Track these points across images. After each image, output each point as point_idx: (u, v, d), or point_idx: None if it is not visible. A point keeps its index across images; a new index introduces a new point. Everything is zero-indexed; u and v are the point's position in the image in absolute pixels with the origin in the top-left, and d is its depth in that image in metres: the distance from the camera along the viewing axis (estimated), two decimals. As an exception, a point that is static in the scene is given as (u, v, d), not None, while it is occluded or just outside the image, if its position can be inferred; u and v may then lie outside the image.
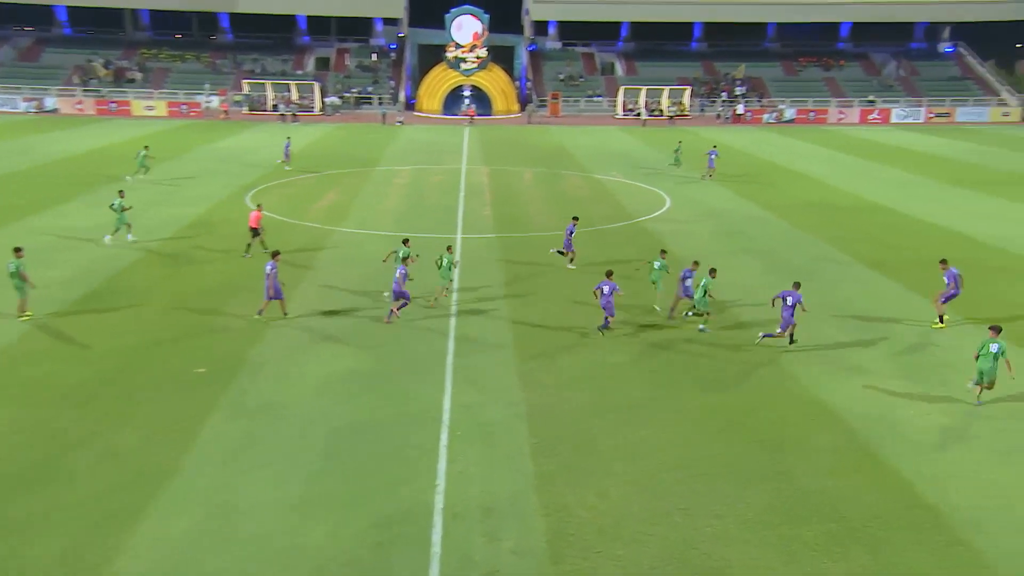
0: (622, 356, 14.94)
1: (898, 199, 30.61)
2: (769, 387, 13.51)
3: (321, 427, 12.04)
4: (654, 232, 25.05)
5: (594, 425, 12.14)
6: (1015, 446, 11.31)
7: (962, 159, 42.60)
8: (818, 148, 48.56)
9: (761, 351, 15.07)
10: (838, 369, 14.21)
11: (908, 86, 73.15)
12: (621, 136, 55.27)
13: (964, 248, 22.56)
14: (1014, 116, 66.59)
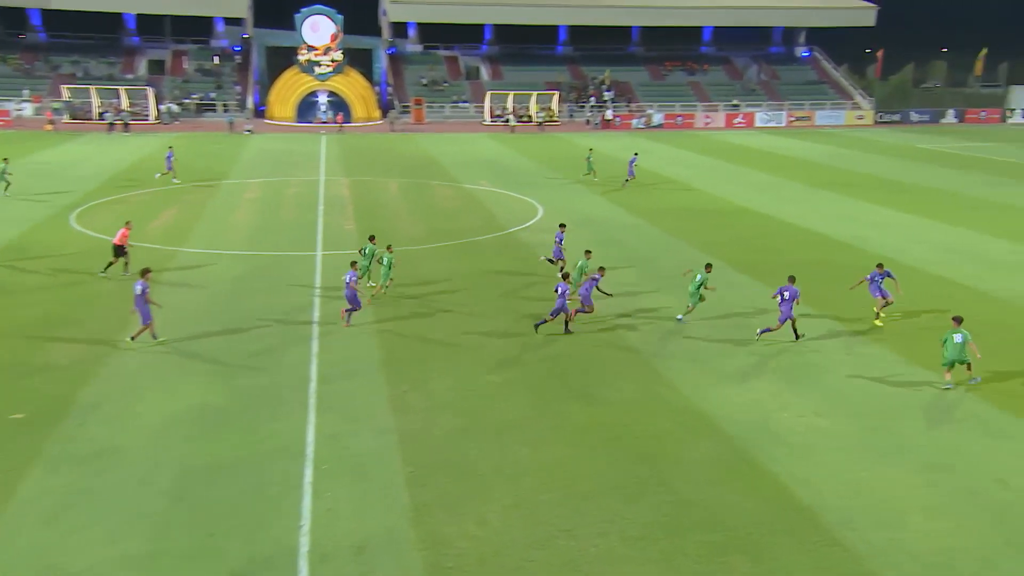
0: (499, 373, 15.10)
1: (765, 202, 32.94)
2: (648, 398, 14.10)
3: (167, 471, 11.37)
4: (527, 243, 25.57)
5: (471, 448, 12.19)
6: (883, 445, 12.41)
7: (823, 162, 46.46)
8: (687, 153, 51.46)
9: (637, 362, 15.71)
10: (715, 376, 15.05)
11: (769, 90, 79.14)
12: (490, 143, 56.06)
13: (826, 249, 24.60)
14: (868, 119, 73.53)
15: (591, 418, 13.27)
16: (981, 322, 17.92)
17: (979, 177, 39.87)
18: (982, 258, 23.67)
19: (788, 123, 71.17)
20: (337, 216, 29.61)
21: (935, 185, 37.45)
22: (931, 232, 26.75)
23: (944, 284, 21.02)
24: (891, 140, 59.38)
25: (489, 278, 21.50)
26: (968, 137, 61.09)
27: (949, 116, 74.76)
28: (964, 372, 14.77)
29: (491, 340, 16.83)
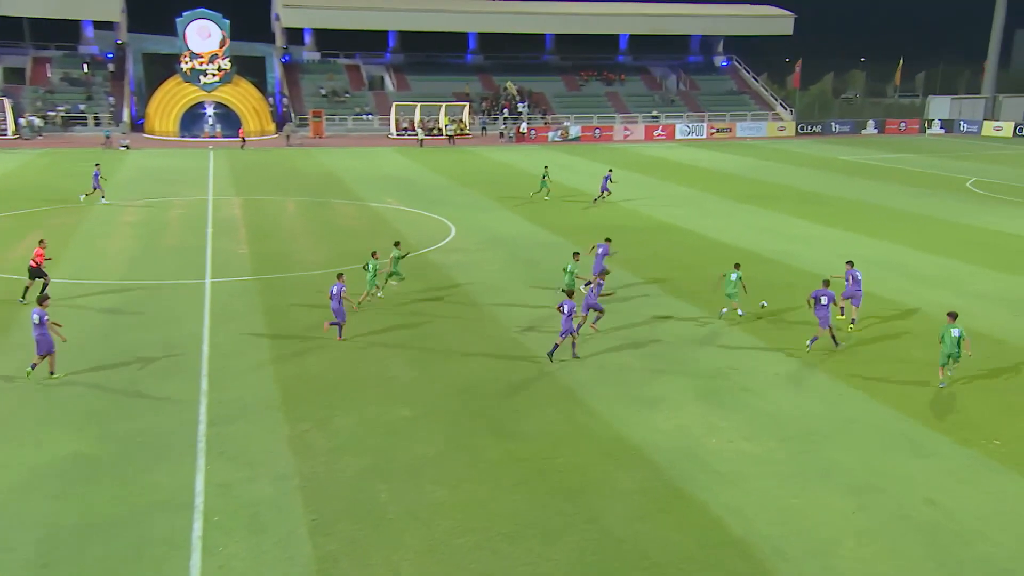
0: (410, 407, 14.99)
1: (687, 217, 34.00)
2: (570, 428, 14.25)
3: (32, 532, 10.76)
4: (441, 264, 25.59)
5: (381, 491, 12.03)
6: (813, 469, 12.89)
7: (745, 175, 48.33)
8: (606, 167, 52.69)
9: (557, 391, 15.88)
10: (639, 402, 15.35)
11: (689, 101, 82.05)
12: (396, 158, 56.00)
13: (751, 265, 25.53)
14: (789, 130, 77.10)
15: (510, 452, 13.30)
16: (910, 336, 18.95)
17: (900, 189, 42.32)
18: (906, 271, 25.07)
19: (709, 135, 73.86)
20: (228, 240, 28.91)
21: (857, 197, 39.50)
22: (855, 246, 28.16)
23: (871, 299, 22.13)
24: (813, 152, 62.39)
25: (398, 304, 21.37)
26: (888, 148, 64.83)
27: (870, 127, 79.19)
28: (942, 373, 16.06)
29: (402, 371, 16.71)
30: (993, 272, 24.68)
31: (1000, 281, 23.65)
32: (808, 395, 15.62)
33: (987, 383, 16.16)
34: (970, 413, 14.74)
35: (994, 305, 21.42)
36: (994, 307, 21.25)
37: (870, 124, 79.33)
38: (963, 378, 16.39)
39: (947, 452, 13.31)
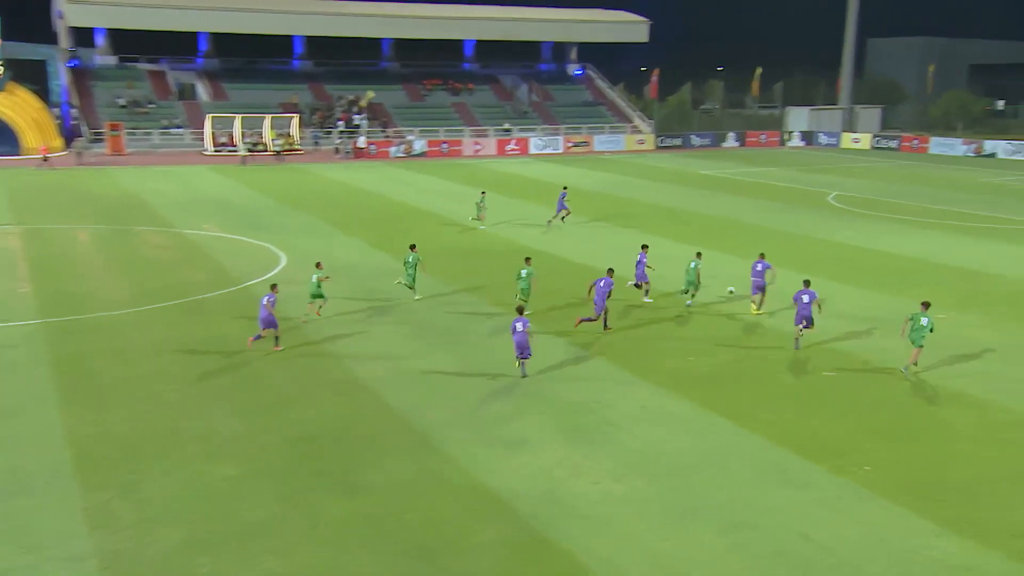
0: (235, 465, 14.44)
1: (546, 239, 34.80)
2: (421, 477, 14.15)
3: None
4: (267, 299, 24.97)
5: (202, 567, 11.47)
6: (683, 507, 13.36)
7: (604, 191, 50.02)
8: (456, 185, 53.13)
9: (406, 434, 15.77)
10: (499, 444, 15.46)
11: (543, 112, 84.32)
12: (215, 178, 54.33)
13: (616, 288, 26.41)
14: (649, 144, 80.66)
15: (354, 510, 13.05)
16: (776, 359, 20.15)
17: (762, 204, 45.13)
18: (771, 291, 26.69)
19: (566, 149, 76.13)
20: (5, 277, 27.00)
21: (720, 213, 41.78)
22: (720, 264, 29.70)
23: (735, 324, 23.37)
24: (673, 166, 65.54)
25: (219, 346, 20.64)
26: (750, 161, 69.09)
27: (730, 139, 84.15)
28: (906, 360, 19.01)
29: (224, 423, 16.10)
30: (857, 289, 26.69)
31: (864, 299, 25.60)
32: (676, 428, 16.25)
33: (855, 407, 17.39)
34: (840, 439, 15.80)
35: (857, 325, 23.14)
36: (858, 325, 22.96)
37: (730, 136, 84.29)
38: (829, 402, 17.58)
39: (819, 481, 14.19)
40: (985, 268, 29.37)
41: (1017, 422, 16.41)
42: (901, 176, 58.56)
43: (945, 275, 28.59)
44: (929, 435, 15.96)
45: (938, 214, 41.26)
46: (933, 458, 14.97)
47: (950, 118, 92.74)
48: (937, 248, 32.95)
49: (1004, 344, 21.20)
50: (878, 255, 31.52)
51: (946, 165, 66.15)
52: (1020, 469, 14.47)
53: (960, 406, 17.29)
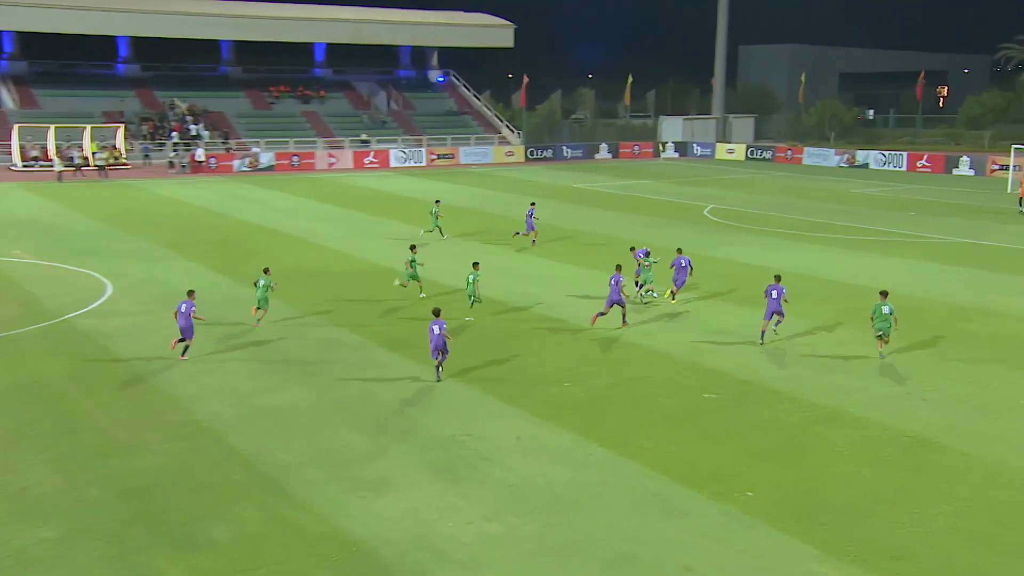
0: (54, 526, 13.70)
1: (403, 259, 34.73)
2: (274, 527, 13.77)
3: None
4: (93, 332, 23.99)
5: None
6: (562, 544, 13.43)
7: (474, 207, 50.39)
8: (309, 202, 52.44)
9: (252, 478, 15.38)
10: (361, 485, 15.24)
11: (404, 122, 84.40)
12: (26, 197, 52.00)
13: (490, 312, 26.67)
14: (518, 156, 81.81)
15: (195, 568, 12.61)
16: (654, 383, 20.73)
17: (639, 218, 46.49)
18: (652, 312, 27.50)
19: (430, 162, 76.40)
20: None
21: (597, 229, 42.79)
22: (597, 284, 30.40)
23: (614, 344, 23.94)
24: (545, 179, 66.68)
25: (36, 388, 19.62)
26: (624, 174, 71.08)
27: (603, 151, 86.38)
28: (880, 346, 22.01)
29: (41, 478, 15.27)
30: (737, 307, 27.79)
31: (746, 317, 26.66)
32: (553, 459, 16.47)
33: (735, 430, 18.08)
34: (720, 464, 16.35)
35: (737, 342, 24.11)
36: (737, 344, 23.92)
37: (603, 148, 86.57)
38: (709, 426, 18.23)
39: (701, 510, 14.64)
40: (862, 281, 31.13)
41: (893, 439, 17.40)
42: (776, 188, 61.50)
43: (824, 289, 30.13)
44: (809, 455, 16.73)
45: (814, 227, 43.50)
46: (814, 479, 15.71)
47: (823, 128, 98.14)
48: (815, 262, 34.70)
49: (881, 360, 22.49)
50: (757, 270, 32.91)
51: (820, 176, 69.89)
52: (897, 488, 15.34)
53: (839, 424, 18.20)
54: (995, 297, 28.35)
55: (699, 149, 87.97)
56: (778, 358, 22.63)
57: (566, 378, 20.88)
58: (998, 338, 24.39)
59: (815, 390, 20.18)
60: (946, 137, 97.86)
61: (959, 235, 40.82)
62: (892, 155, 75.77)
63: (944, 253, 36.26)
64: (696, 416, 18.68)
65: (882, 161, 75.56)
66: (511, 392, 19.93)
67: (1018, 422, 18.26)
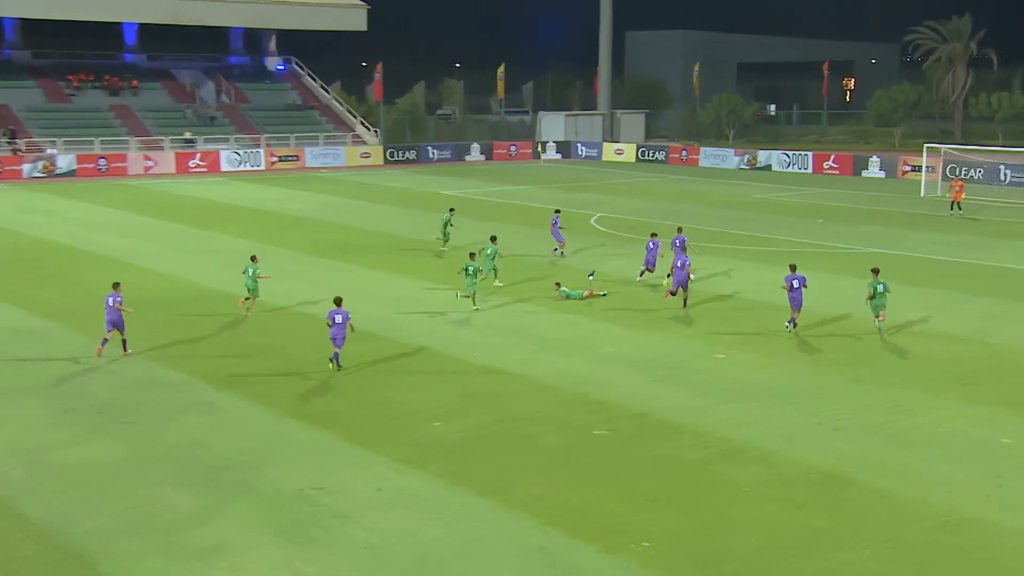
0: None
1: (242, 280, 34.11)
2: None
3: None
4: None
5: None
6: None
7: (324, 219, 49.90)
8: (121, 214, 50.94)
9: (56, 558, 14.84)
10: (187, 553, 14.83)
11: (237, 118, 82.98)
12: None
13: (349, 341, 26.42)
14: (376, 157, 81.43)
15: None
16: (528, 420, 20.90)
17: (518, 230, 46.89)
18: (535, 337, 27.75)
19: (269, 165, 75.41)
20: None
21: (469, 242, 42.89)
22: (470, 306, 30.49)
23: (490, 374, 24.06)
24: (408, 185, 66.67)
25: None
26: (500, 178, 71.62)
27: (474, 152, 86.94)
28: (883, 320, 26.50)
29: None
30: (628, 330, 28.33)
31: (638, 340, 27.20)
32: (423, 513, 16.38)
33: (629, 471, 18.36)
34: (613, 511, 16.51)
35: (629, 370, 24.58)
36: (629, 372, 24.39)
37: (475, 148, 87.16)
38: (601, 467, 18.48)
39: (592, 565, 14.77)
40: (766, 298, 32.16)
41: (803, 476, 18.00)
42: (671, 193, 63.11)
43: (724, 309, 31.02)
44: (711, 497, 17.13)
45: (713, 237, 44.73)
46: (716, 525, 16.08)
47: (721, 125, 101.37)
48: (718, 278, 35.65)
49: (790, 386, 23.26)
50: (651, 287, 33.64)
51: (719, 179, 72.06)
52: (809, 532, 15.82)
53: (744, 460, 18.71)
54: (910, 313, 29.71)
55: (584, 150, 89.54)
56: (677, 386, 23.16)
57: (436, 416, 20.86)
58: (914, 358, 25.57)
59: (718, 422, 20.72)
60: (854, 135, 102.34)
61: (871, 244, 42.65)
62: (797, 155, 78.77)
63: (855, 265, 37.80)
64: (585, 456, 18.92)
65: (786, 162, 78.47)
66: (371, 435, 19.77)
67: (938, 452, 19.14)
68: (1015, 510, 16.43)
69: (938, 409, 21.57)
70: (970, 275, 36.20)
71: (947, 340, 27.19)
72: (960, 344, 26.80)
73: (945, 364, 24.99)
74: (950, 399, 22.25)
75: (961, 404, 21.89)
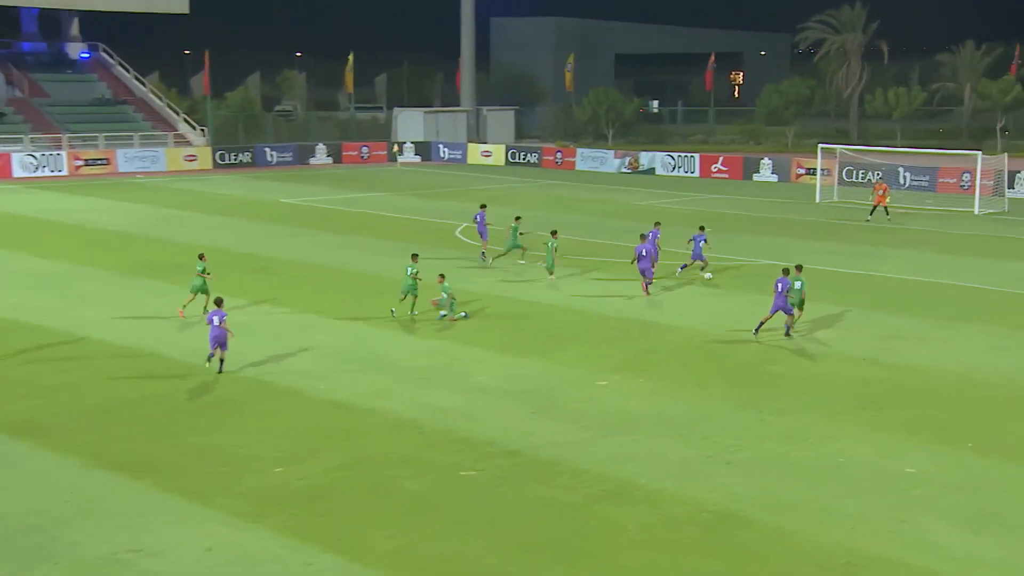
0: None
1: (48, 307, 33.06)
2: None
3: None
4: None
5: None
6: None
7: (140, 233, 48.92)
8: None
9: None
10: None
11: (32, 114, 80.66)
12: None
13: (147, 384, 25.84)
14: (203, 160, 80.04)
15: None
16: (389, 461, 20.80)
17: (371, 243, 46.65)
18: (392, 365, 27.60)
19: (74, 170, 73.66)
20: None
21: (310, 259, 42.54)
22: (308, 332, 30.17)
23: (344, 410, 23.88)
24: (241, 192, 65.81)
25: None
26: (349, 184, 71.12)
27: (320, 154, 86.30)
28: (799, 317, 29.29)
29: None
30: (497, 354, 28.44)
31: (511, 367, 27.32)
32: (261, 574, 16.14)
33: (505, 516, 18.39)
34: (486, 563, 16.50)
35: (501, 401, 24.68)
36: (501, 404, 24.49)
37: (320, 150, 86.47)
38: (470, 512, 18.46)
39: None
40: (651, 317, 32.71)
41: (694, 516, 18.27)
42: (545, 200, 63.70)
43: (604, 328, 31.34)
44: (594, 543, 17.23)
45: (591, 249, 45.31)
46: (601, 574, 16.23)
47: (599, 123, 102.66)
48: (593, 294, 35.98)
49: (678, 415, 23.60)
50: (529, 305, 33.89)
51: (598, 184, 73.15)
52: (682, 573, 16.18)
53: (629, 500, 18.91)
54: (807, 331, 30.56)
55: (447, 151, 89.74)
56: (554, 419, 23.33)
57: (277, 461, 20.54)
58: (810, 382, 26.31)
59: (600, 458, 20.92)
60: (744, 134, 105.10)
61: (763, 255, 43.69)
62: (682, 157, 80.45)
63: (746, 280, 38.75)
64: (451, 502, 18.89)
65: (671, 165, 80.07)
66: (199, 485, 19.37)
67: (839, 485, 19.70)
68: (919, 547, 17.04)
69: (838, 437, 22.22)
70: (868, 288, 37.44)
71: (846, 361, 28.08)
72: (860, 365, 27.71)
73: (845, 387, 25.79)
74: (851, 425, 22.96)
75: (863, 431, 22.61)
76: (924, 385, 26.06)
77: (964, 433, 22.53)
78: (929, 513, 18.33)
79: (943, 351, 29.06)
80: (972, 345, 29.75)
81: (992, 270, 41.10)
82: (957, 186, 65.24)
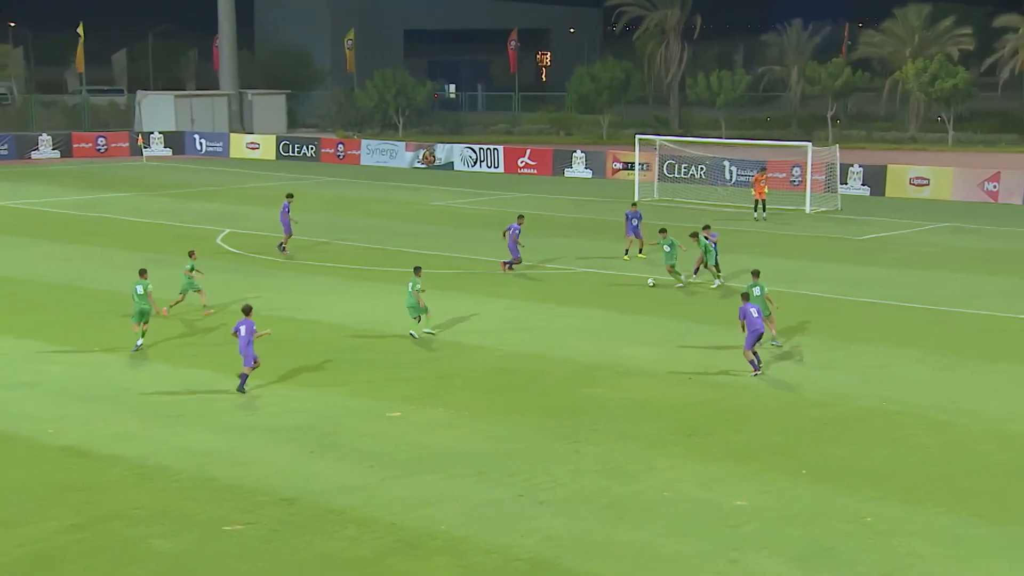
0: None
1: None
2: None
3: None
4: None
5: None
6: None
7: None
8: None
9: None
10: None
11: None
12: None
13: None
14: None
15: None
16: (134, 518, 20.28)
17: (108, 253, 45.57)
18: (134, 402, 26.98)
19: None
20: None
21: (36, 276, 41.25)
22: (46, 363, 29.25)
23: (65, 458, 23.20)
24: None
25: None
26: (83, 184, 69.43)
27: (44, 147, 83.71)
28: None
29: None
30: (270, 387, 28.11)
31: (279, 402, 27.04)
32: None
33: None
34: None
35: (273, 440, 24.33)
36: (273, 443, 24.14)
37: (44, 142, 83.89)
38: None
39: None
40: (454, 336, 32.81)
41: (503, 566, 18.16)
42: (325, 201, 63.34)
43: (402, 351, 31.34)
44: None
45: (383, 258, 45.24)
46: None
47: (387, 111, 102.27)
48: (387, 309, 35.63)
49: (482, 449, 23.61)
50: (305, 325, 33.59)
51: (388, 182, 73.20)
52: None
53: (427, 551, 18.65)
54: (626, 348, 31.21)
55: (204, 143, 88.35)
56: (338, 458, 23.16)
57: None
58: (632, 405, 26.81)
59: (393, 503, 20.82)
60: (553, 124, 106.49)
61: (577, 263, 44.45)
62: (484, 151, 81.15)
63: (560, 289, 39.28)
64: (213, 563, 18.53)
65: (472, 159, 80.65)
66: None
67: (662, 523, 20.07)
68: (753, 588, 17.53)
69: (661, 469, 22.66)
70: (690, 298, 38.54)
71: (668, 381, 28.78)
72: (683, 385, 28.44)
73: (666, 411, 26.40)
74: (674, 455, 23.47)
75: (687, 460, 23.15)
76: (751, 407, 26.79)
77: (796, 459, 23.26)
78: (761, 552, 18.80)
79: (772, 367, 29.87)
80: (803, 360, 30.80)
81: (824, 276, 42.67)
82: (787, 181, 66.95)
